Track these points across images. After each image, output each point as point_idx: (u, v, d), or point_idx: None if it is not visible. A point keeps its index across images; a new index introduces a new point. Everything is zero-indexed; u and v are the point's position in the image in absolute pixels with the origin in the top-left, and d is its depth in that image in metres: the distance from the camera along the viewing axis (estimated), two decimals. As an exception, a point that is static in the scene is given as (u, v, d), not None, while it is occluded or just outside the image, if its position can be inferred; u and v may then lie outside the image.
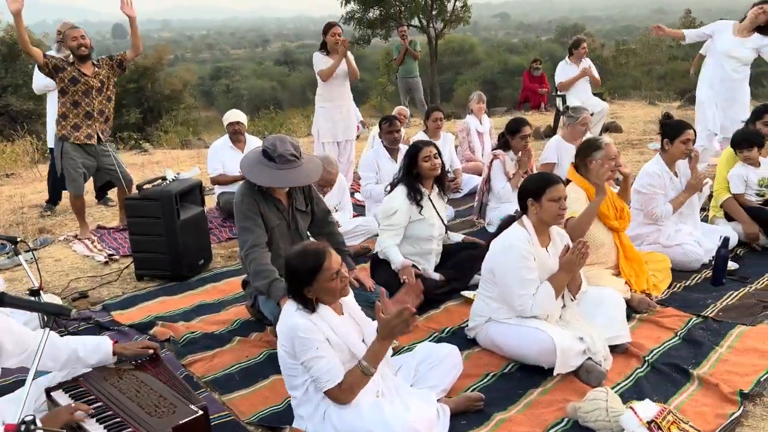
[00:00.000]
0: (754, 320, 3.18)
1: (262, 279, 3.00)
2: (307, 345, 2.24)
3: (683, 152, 3.98)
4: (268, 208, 3.16)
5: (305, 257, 2.30)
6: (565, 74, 7.88)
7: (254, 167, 3.09)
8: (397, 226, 3.61)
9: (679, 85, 23.59)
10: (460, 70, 36.58)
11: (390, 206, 3.64)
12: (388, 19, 17.22)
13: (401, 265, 3.52)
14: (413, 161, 3.66)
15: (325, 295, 2.33)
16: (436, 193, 3.82)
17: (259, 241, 3.09)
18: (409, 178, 3.68)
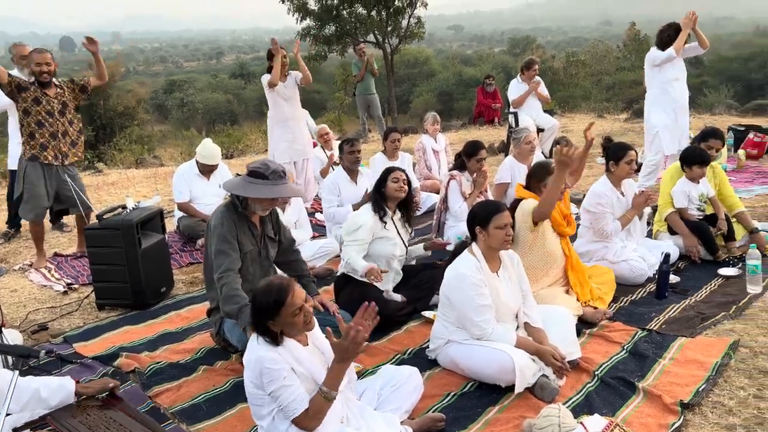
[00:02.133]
0: (693, 332, 3.39)
1: (232, 303, 3.08)
2: (273, 376, 2.30)
3: (628, 172, 4.25)
4: (243, 233, 3.25)
5: (269, 291, 2.36)
6: (518, 92, 8.16)
7: (248, 186, 3.16)
8: (361, 241, 3.76)
9: (626, 95, 24.50)
10: (416, 82, 37.03)
11: (355, 222, 3.81)
12: (344, 35, 17.36)
13: (366, 269, 3.63)
14: (383, 179, 3.87)
15: (288, 329, 2.40)
16: (399, 217, 3.98)
17: (234, 266, 3.16)
18: (376, 195, 3.89)
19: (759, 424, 2.56)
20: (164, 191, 7.59)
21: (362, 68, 10.73)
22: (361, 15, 17.57)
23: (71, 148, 4.91)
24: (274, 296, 2.34)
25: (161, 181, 8.60)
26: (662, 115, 6.03)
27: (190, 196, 5.46)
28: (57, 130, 4.79)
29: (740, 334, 3.32)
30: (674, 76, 5.94)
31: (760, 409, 2.66)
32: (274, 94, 6.03)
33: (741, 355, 3.12)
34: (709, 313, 3.61)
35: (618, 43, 34.80)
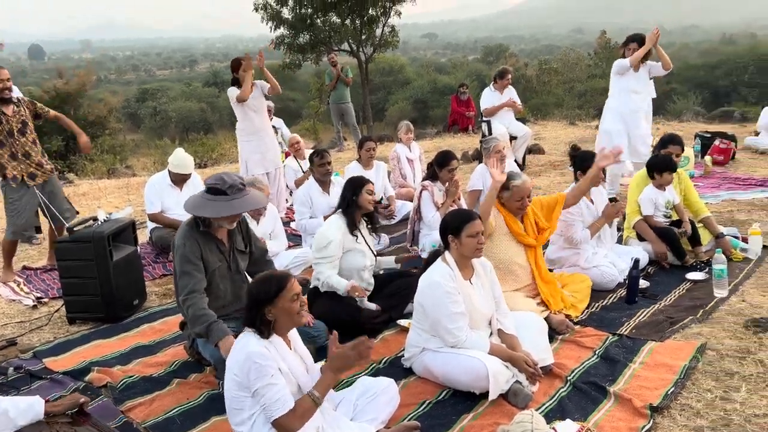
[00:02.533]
0: (662, 336, 3.47)
1: (200, 323, 3.05)
2: (262, 372, 2.31)
3: (596, 181, 4.32)
4: (210, 250, 3.21)
5: (270, 279, 2.44)
6: (490, 101, 8.26)
7: (206, 205, 3.13)
8: (332, 257, 3.74)
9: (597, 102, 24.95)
10: (391, 90, 37.20)
11: (324, 237, 3.78)
12: (318, 44, 17.36)
13: (347, 287, 3.65)
14: (357, 191, 3.85)
15: (284, 317, 2.41)
16: (365, 227, 4.01)
17: (198, 287, 3.12)
18: (348, 206, 3.88)
19: (725, 426, 2.63)
20: (137, 202, 7.50)
21: (334, 77, 10.76)
22: (335, 24, 17.61)
23: (38, 169, 4.84)
24: (275, 281, 2.41)
25: (134, 191, 8.49)
26: (614, 123, 6.18)
27: (162, 207, 5.40)
28: (17, 151, 4.71)
29: (707, 337, 3.40)
30: (633, 89, 6.10)
31: (726, 411, 2.73)
32: (243, 107, 6.01)
33: (708, 357, 3.19)
34: (677, 317, 3.70)
35: (589, 51, 35.43)
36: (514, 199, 3.77)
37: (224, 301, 3.31)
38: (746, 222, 5.22)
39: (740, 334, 3.40)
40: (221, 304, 3.28)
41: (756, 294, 3.92)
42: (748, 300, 3.84)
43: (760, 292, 3.94)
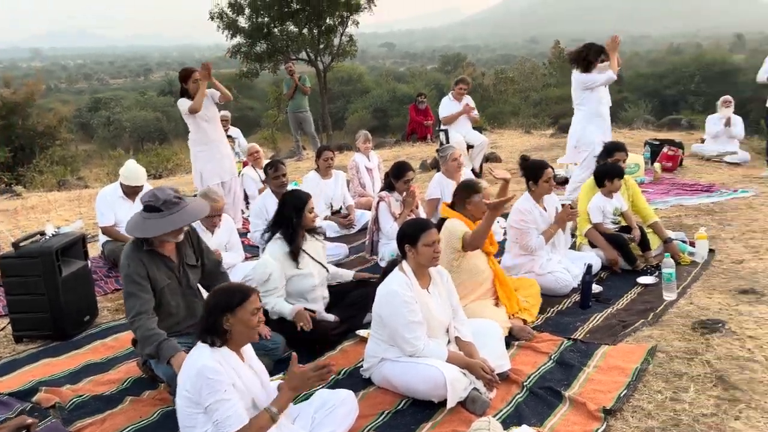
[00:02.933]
0: (615, 339, 3.55)
1: (150, 344, 2.99)
2: (214, 387, 2.28)
3: (548, 189, 4.43)
4: (157, 267, 3.14)
5: (234, 288, 2.46)
6: (448, 110, 8.36)
7: (142, 225, 3.08)
8: (276, 289, 3.65)
9: (552, 111, 25.52)
10: (350, 99, 37.29)
11: (264, 272, 3.64)
12: (276, 53, 17.32)
13: (293, 312, 3.59)
14: (300, 213, 3.73)
15: (241, 329, 2.39)
16: (308, 241, 3.87)
17: (146, 307, 3.06)
18: (288, 229, 3.73)
19: (675, 426, 2.71)
20: (88, 214, 7.30)
21: (292, 86, 10.72)
22: (292, 33, 17.61)
23: None
24: (239, 291, 2.43)
25: (85, 203, 8.26)
26: (599, 134, 6.28)
27: (114, 220, 5.27)
28: None
29: (657, 340, 3.49)
30: (604, 98, 6.25)
31: (676, 411, 2.81)
32: (195, 117, 5.92)
33: (658, 359, 3.28)
34: (629, 320, 3.79)
35: (544, 61, 36.25)
36: (481, 203, 3.80)
37: (177, 317, 3.24)
38: (693, 226, 5.40)
39: (688, 336, 3.51)
40: (175, 321, 3.22)
41: (703, 296, 4.06)
42: (696, 302, 3.97)
43: (707, 294, 4.08)
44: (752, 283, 4.19)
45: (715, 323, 3.57)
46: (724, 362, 3.19)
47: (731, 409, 2.79)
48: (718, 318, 3.66)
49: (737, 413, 2.76)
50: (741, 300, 3.95)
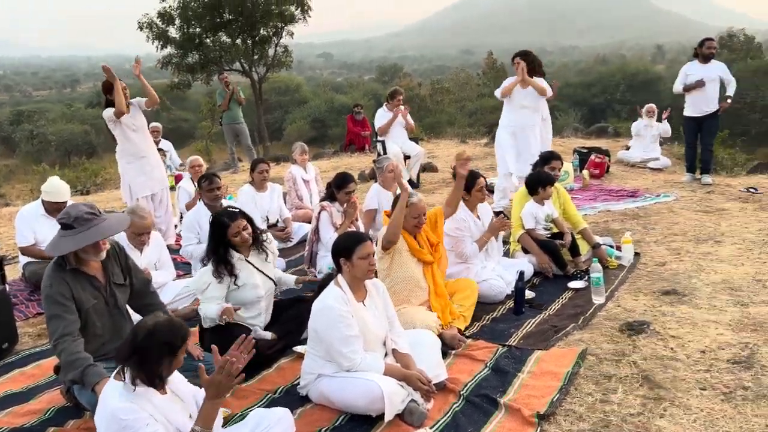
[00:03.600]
0: (547, 344, 3.64)
1: (74, 369, 2.85)
2: (133, 427, 2.18)
3: (480, 198, 4.53)
4: (81, 287, 3.00)
5: (175, 328, 2.32)
6: (383, 120, 8.42)
7: (57, 243, 2.96)
8: (216, 297, 3.57)
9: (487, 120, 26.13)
10: (288, 109, 37.05)
11: (202, 281, 3.59)
12: (209, 63, 16.99)
13: (219, 312, 3.47)
14: (222, 240, 3.62)
15: (172, 367, 2.32)
16: (254, 254, 3.80)
17: (70, 329, 2.91)
18: (216, 254, 3.61)
19: (605, 427, 2.79)
20: (8, 234, 6.92)
21: (226, 98, 10.55)
22: (225, 43, 17.32)
23: None
24: (179, 332, 2.31)
25: (6, 222, 7.83)
26: (508, 138, 6.47)
27: (35, 239, 5.01)
28: None
29: (587, 343, 3.60)
30: (521, 104, 6.42)
31: (605, 413, 2.89)
32: (122, 127, 5.73)
33: (588, 362, 3.38)
34: (561, 325, 3.89)
35: (478, 71, 37.12)
36: (412, 216, 3.84)
37: (103, 339, 3.10)
38: (620, 231, 5.62)
39: (616, 338, 3.64)
40: (100, 343, 3.08)
41: (629, 299, 4.22)
42: (623, 305, 4.12)
43: (633, 297, 4.25)
44: (674, 284, 4.39)
45: (640, 325, 3.72)
46: (650, 362, 3.32)
47: (656, 408, 2.90)
48: (644, 319, 3.81)
49: (662, 411, 2.87)
50: (664, 301, 4.13)
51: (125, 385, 2.27)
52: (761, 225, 5.73)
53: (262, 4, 16.37)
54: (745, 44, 30.42)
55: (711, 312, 3.90)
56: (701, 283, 4.40)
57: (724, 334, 3.59)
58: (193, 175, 6.93)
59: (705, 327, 3.69)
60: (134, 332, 2.32)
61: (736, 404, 2.88)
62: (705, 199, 6.88)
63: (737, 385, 3.03)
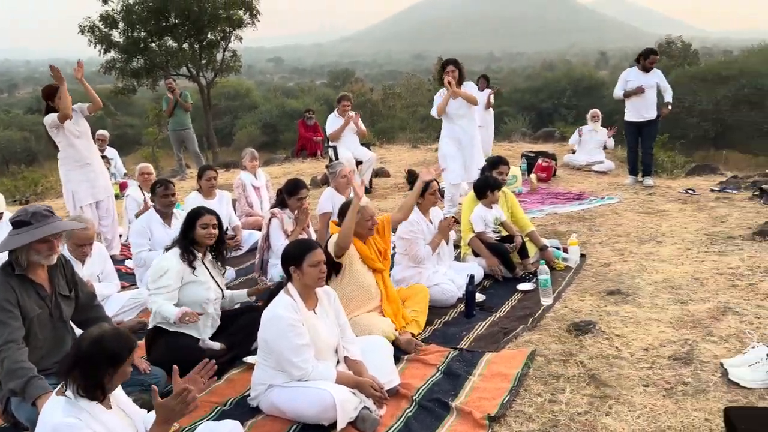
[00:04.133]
0: (498, 346, 3.69)
1: (17, 378, 2.72)
2: None
3: (433, 202, 4.59)
4: (27, 295, 2.90)
5: (121, 338, 2.25)
6: (334, 126, 8.40)
7: (13, 239, 2.86)
8: (169, 288, 3.53)
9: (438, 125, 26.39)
10: (238, 114, 36.52)
11: (161, 266, 3.58)
12: (154, 68, 16.59)
13: (178, 314, 3.43)
14: (191, 225, 3.68)
15: (116, 381, 2.26)
16: (210, 260, 3.82)
17: (15, 336, 2.80)
18: (184, 241, 3.69)
19: (553, 427, 2.84)
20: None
21: (170, 103, 10.32)
22: (171, 48, 16.94)
23: None
24: (126, 343, 2.25)
25: (-64, 235, 7.42)
26: (452, 147, 6.56)
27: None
28: None
29: (536, 344, 3.67)
30: (458, 113, 6.52)
31: (554, 413, 2.95)
32: (65, 134, 5.54)
33: (537, 363, 3.45)
34: (510, 326, 3.96)
35: (429, 77, 37.45)
36: (364, 219, 3.84)
37: (42, 352, 2.98)
38: (566, 233, 5.76)
39: (564, 338, 3.72)
40: (39, 356, 2.95)
41: (576, 300, 4.33)
42: (570, 305, 4.22)
43: (579, 298, 4.36)
44: (618, 284, 4.53)
45: (587, 325, 3.81)
46: (596, 361, 3.41)
47: (602, 406, 2.97)
48: (590, 319, 3.91)
49: (608, 409, 2.95)
50: (609, 301, 4.25)
51: (68, 400, 2.19)
52: (699, 225, 5.98)
53: (210, 8, 16.10)
54: (683, 51, 31.71)
55: (653, 311, 4.04)
56: (644, 282, 4.55)
57: (666, 331, 3.72)
58: (142, 183, 6.74)
59: (647, 325, 3.82)
60: (78, 342, 2.26)
61: (677, 399, 2.99)
62: (647, 200, 7.13)
63: (678, 381, 3.15)
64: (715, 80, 25.68)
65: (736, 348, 3.43)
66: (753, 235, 5.43)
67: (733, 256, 4.98)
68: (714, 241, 5.42)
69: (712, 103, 24.61)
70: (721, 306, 3.99)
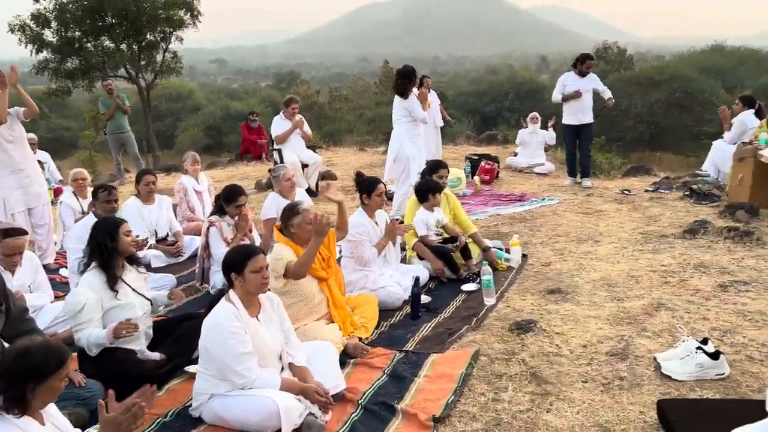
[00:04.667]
0: (443, 347, 3.73)
1: None
2: None
3: (379, 204, 4.61)
4: None
5: (50, 351, 2.16)
6: (281, 128, 8.32)
7: None
8: (92, 321, 3.33)
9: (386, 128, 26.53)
10: (180, 117, 35.66)
11: (75, 302, 3.32)
12: (91, 69, 16.00)
13: (110, 333, 3.26)
14: (115, 236, 3.45)
15: (47, 396, 2.17)
16: (128, 271, 3.59)
17: None
18: (103, 256, 3.43)
19: (497, 425, 2.89)
20: None
21: (111, 106, 9.99)
22: (108, 48, 16.38)
23: None
24: (55, 355, 2.16)
25: None
26: (413, 148, 6.61)
27: None
28: None
29: (480, 344, 3.73)
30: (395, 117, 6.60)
31: (497, 411, 3.01)
32: None
33: (481, 362, 3.50)
34: (455, 327, 4.00)
35: (375, 80, 37.57)
36: (305, 223, 3.79)
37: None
38: (508, 234, 5.88)
39: (506, 338, 3.80)
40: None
41: (518, 299, 4.42)
42: (512, 305, 4.31)
43: (521, 297, 4.46)
44: (558, 283, 4.65)
45: (528, 323, 3.90)
46: (537, 359, 3.49)
47: (543, 403, 3.05)
48: (531, 318, 4.00)
49: (548, 406, 3.02)
50: (549, 300, 4.36)
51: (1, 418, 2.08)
52: (634, 224, 6.21)
53: (149, 8, 15.65)
54: (619, 56, 32.89)
55: (591, 308, 4.17)
56: (582, 281, 4.69)
57: (603, 328, 3.85)
58: (76, 189, 6.48)
59: (586, 322, 3.94)
60: (3, 354, 2.18)
61: (614, 394, 3.09)
62: (585, 201, 7.36)
63: (614, 376, 3.26)
64: (649, 84, 26.75)
65: (668, 342, 3.58)
66: (683, 233, 5.68)
67: (665, 254, 5.20)
68: (648, 239, 5.65)
69: (647, 106, 25.62)
70: (655, 302, 4.16)
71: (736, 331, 3.68)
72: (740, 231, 5.43)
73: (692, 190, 7.11)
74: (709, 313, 3.96)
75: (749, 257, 4.95)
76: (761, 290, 4.26)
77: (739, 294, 4.22)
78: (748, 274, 4.57)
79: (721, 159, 7.57)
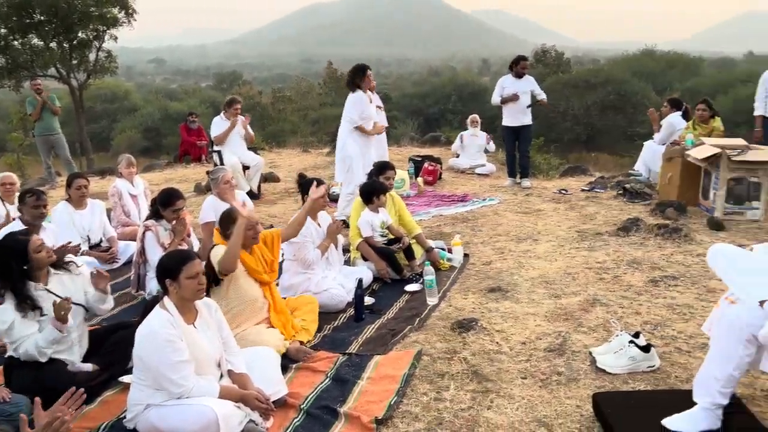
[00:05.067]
0: (386, 348, 3.73)
1: None
2: None
3: (321, 205, 4.55)
4: None
5: None
6: (220, 129, 8.15)
7: None
8: (29, 335, 3.20)
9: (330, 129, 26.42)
10: (116, 118, 34.51)
11: (1, 321, 3.19)
12: (18, 68, 15.25)
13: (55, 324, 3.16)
14: (22, 257, 3.24)
15: None
16: (52, 275, 3.42)
17: None
18: (12, 281, 3.22)
19: (439, 424, 2.91)
20: None
21: (38, 106, 9.54)
22: (37, 47, 15.66)
23: None
24: None
25: None
26: (356, 146, 6.60)
27: None
28: None
29: (422, 344, 3.75)
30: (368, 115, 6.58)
31: (439, 410, 3.03)
32: None
33: (423, 362, 3.52)
34: (398, 328, 4.01)
35: (319, 81, 37.37)
36: (246, 228, 3.72)
37: None
38: (451, 234, 5.95)
39: (449, 337, 3.83)
40: None
41: (459, 298, 4.48)
42: (454, 304, 4.36)
43: (462, 296, 4.51)
44: (498, 281, 4.74)
45: (469, 322, 3.95)
46: (478, 357, 3.54)
47: (484, 400, 3.09)
48: (473, 317, 4.06)
49: (489, 403, 3.07)
50: (490, 298, 4.44)
51: None
52: (571, 223, 6.40)
53: (80, 5, 15.03)
54: (556, 60, 33.83)
55: (530, 305, 4.26)
56: (521, 279, 4.79)
57: (542, 325, 3.94)
58: (3, 194, 6.14)
59: (525, 320, 4.02)
60: None
61: (552, 389, 3.17)
62: (524, 201, 7.54)
63: (552, 372, 3.34)
64: (585, 87, 27.65)
65: (603, 337, 3.69)
66: (617, 231, 5.89)
67: (600, 251, 5.38)
68: (584, 237, 5.82)
69: (583, 108, 26.47)
70: (590, 298, 4.29)
71: (666, 324, 3.84)
72: (669, 228, 5.67)
73: (625, 189, 7.38)
74: (641, 307, 4.12)
75: (678, 253, 5.18)
76: (689, 284, 4.46)
77: (668, 288, 4.41)
78: (677, 269, 4.78)
79: (651, 159, 7.89)
